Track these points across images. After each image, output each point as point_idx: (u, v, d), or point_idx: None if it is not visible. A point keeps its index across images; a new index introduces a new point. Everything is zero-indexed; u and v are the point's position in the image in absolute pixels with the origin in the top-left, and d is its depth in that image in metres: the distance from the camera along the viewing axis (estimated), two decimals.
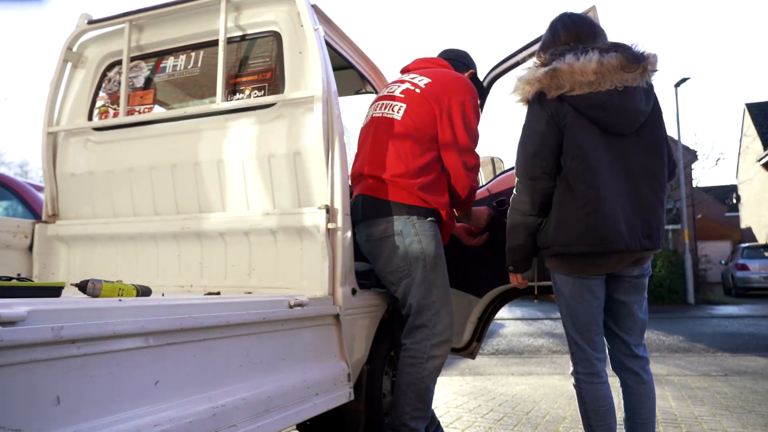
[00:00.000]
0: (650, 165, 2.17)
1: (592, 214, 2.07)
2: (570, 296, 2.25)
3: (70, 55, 3.08)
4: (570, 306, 2.27)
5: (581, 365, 2.28)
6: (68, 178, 3.04)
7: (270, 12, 2.70)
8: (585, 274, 2.19)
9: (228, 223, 2.61)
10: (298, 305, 2.00)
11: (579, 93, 2.09)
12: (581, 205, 2.09)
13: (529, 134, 2.20)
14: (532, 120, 2.19)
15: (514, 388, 4.89)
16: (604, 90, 2.09)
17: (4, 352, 1.07)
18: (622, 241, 2.07)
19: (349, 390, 2.33)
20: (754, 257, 18.91)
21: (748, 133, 26.14)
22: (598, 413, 2.22)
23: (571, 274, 2.21)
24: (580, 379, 2.27)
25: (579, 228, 2.10)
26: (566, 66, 2.08)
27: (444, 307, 2.54)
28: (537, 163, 2.17)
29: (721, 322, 10.55)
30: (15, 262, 2.93)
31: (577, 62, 2.08)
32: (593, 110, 2.10)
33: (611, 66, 2.08)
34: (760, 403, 4.08)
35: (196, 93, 2.92)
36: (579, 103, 2.10)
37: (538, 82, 2.13)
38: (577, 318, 2.26)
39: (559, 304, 2.32)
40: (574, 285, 2.22)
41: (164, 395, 1.44)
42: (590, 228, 2.08)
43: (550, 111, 2.13)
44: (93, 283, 1.74)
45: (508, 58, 3.29)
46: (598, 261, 2.15)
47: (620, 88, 2.09)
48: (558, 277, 2.27)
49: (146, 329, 1.38)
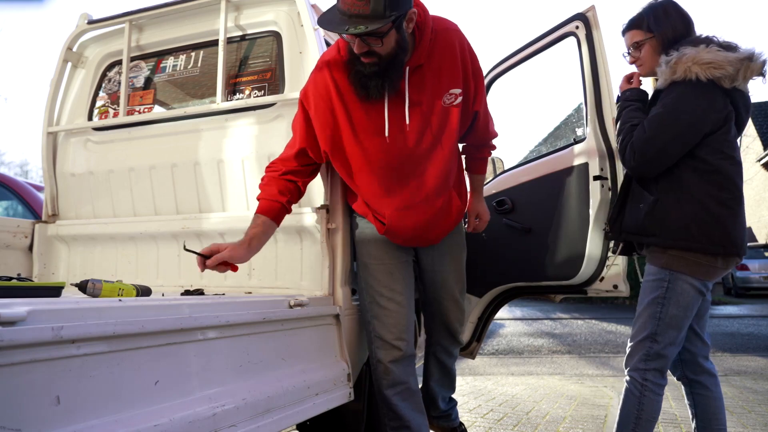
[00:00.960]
0: None
1: (735, 217, 2.01)
2: (685, 308, 2.08)
3: (70, 55, 3.08)
4: (679, 318, 2.08)
5: (653, 374, 2.12)
6: (68, 178, 3.04)
7: (270, 12, 2.70)
8: (710, 280, 2.08)
9: (228, 223, 2.61)
10: (298, 305, 2.00)
11: (742, 89, 2.01)
12: (727, 206, 2.01)
13: (683, 117, 2.00)
14: (691, 102, 2.00)
15: (514, 388, 4.89)
16: (747, 91, 2.03)
17: (3, 352, 1.07)
18: (744, 248, 2.05)
19: (349, 390, 2.33)
20: (754, 257, 18.89)
21: (748, 133, 26.13)
22: (650, 422, 2.11)
23: (699, 278, 2.06)
24: (647, 387, 2.11)
25: (720, 228, 2.00)
26: (750, 56, 1.98)
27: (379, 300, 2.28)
28: (676, 148, 2.01)
29: (721, 322, 10.55)
30: (15, 262, 2.93)
31: (754, 57, 1.99)
32: (745, 112, 2.05)
33: (757, 67, 2.01)
34: (760, 403, 4.09)
35: (196, 93, 2.92)
36: (740, 100, 2.02)
37: (730, 66, 1.95)
38: (679, 331, 2.10)
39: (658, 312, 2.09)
40: (694, 298, 2.08)
41: (164, 395, 1.44)
42: (729, 230, 2.01)
43: (715, 100, 2.00)
44: (93, 283, 1.73)
45: (508, 57, 3.29)
46: (720, 264, 2.06)
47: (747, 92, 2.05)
48: (682, 286, 2.06)
49: (146, 329, 1.38)
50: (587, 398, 4.40)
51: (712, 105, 1.99)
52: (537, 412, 3.96)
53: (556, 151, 3.02)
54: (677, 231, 2.04)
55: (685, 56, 2.00)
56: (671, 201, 2.06)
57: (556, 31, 2.94)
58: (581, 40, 2.83)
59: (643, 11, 2.22)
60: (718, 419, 2.18)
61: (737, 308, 14.05)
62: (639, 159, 2.06)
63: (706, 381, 2.23)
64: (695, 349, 2.25)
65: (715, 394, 2.21)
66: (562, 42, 2.96)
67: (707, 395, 2.21)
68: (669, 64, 2.03)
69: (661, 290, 2.09)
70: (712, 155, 2.02)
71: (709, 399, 2.21)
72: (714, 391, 2.21)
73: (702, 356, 2.25)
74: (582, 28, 2.81)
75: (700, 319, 2.22)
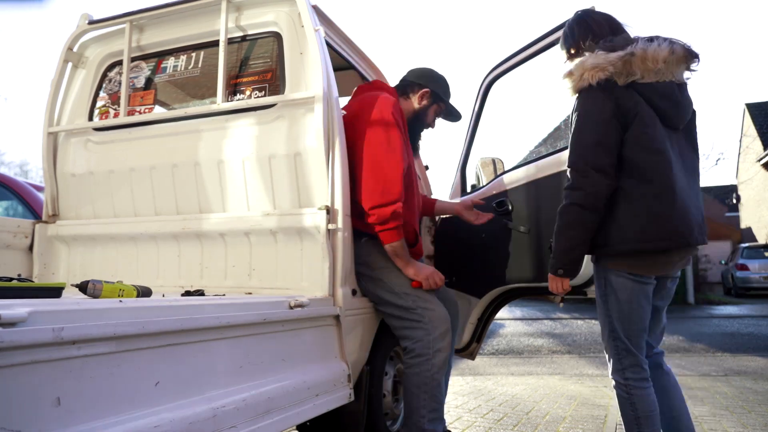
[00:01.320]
0: (695, 162, 2.17)
1: (668, 207, 2.00)
2: (627, 301, 2.11)
3: (71, 55, 3.08)
4: (625, 311, 2.12)
5: (631, 370, 2.14)
6: (69, 178, 3.04)
7: (271, 12, 2.70)
8: (648, 275, 2.10)
9: (228, 223, 2.61)
10: (298, 306, 2.00)
11: (647, 81, 2.03)
12: (656, 198, 2.01)
13: (592, 124, 2.07)
14: (595, 108, 2.06)
15: (514, 388, 4.89)
16: (668, 81, 2.05)
17: (4, 353, 1.07)
18: (693, 236, 2.03)
19: (349, 391, 2.33)
20: (754, 257, 18.90)
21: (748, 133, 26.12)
22: (650, 418, 2.11)
23: (636, 273, 2.08)
24: (631, 385, 2.13)
25: (654, 222, 2.01)
26: (640, 51, 2.01)
27: (425, 301, 2.52)
28: (602, 155, 2.03)
29: (721, 322, 10.55)
30: (15, 262, 2.93)
31: (649, 48, 2.02)
32: (662, 100, 2.05)
33: (678, 57, 2.03)
34: (760, 403, 4.09)
35: (197, 93, 2.92)
36: (648, 92, 2.04)
37: (611, 66, 2.01)
38: (631, 324, 2.13)
39: (608, 308, 2.17)
40: (634, 290, 2.10)
41: (164, 396, 1.44)
42: (666, 222, 2.00)
43: (616, 99, 2.04)
44: (93, 283, 1.73)
45: (507, 59, 3.29)
46: (664, 258, 2.08)
47: (677, 82, 2.07)
48: (615, 280, 2.12)
49: (147, 330, 1.38)
50: (587, 398, 4.40)
51: (606, 104, 2.03)
52: (537, 412, 3.96)
53: (556, 152, 3.02)
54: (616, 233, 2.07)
55: (575, 66, 2.09)
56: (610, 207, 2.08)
57: (557, 32, 2.94)
58: None
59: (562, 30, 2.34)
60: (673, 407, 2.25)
61: (737, 308, 14.05)
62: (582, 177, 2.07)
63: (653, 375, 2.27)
64: None
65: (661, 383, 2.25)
66: None
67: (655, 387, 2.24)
68: (564, 76, 2.13)
69: (602, 288, 2.16)
70: (629, 151, 2.05)
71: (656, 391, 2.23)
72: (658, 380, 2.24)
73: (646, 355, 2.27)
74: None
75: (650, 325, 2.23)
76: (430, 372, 2.45)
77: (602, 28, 2.21)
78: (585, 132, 2.08)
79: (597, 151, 2.04)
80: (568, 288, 2.22)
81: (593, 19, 2.25)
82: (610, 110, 2.03)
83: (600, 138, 2.04)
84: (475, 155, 3.63)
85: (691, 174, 2.13)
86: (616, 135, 2.04)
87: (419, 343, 2.48)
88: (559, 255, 2.15)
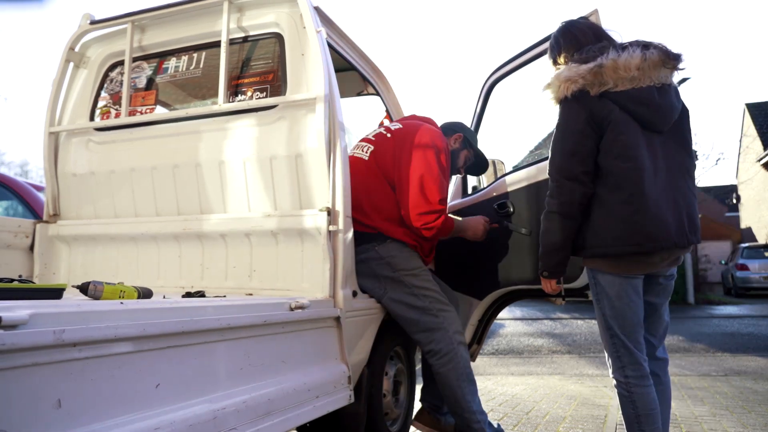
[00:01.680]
0: (684, 161, 2.20)
1: (639, 213, 2.06)
2: (616, 297, 2.18)
3: (73, 55, 3.08)
4: (616, 307, 2.19)
5: (631, 368, 2.20)
6: (70, 178, 3.04)
7: (272, 13, 2.70)
8: (630, 273, 2.16)
9: (229, 224, 2.62)
10: (298, 308, 2.00)
11: (621, 89, 2.08)
12: (627, 203, 2.07)
13: (567, 133, 2.16)
14: (570, 118, 2.15)
15: (514, 388, 4.89)
16: (645, 86, 2.09)
17: (5, 356, 1.07)
18: (670, 238, 2.08)
19: (349, 392, 2.33)
20: (754, 257, 18.90)
21: (748, 133, 26.11)
22: (650, 416, 2.16)
23: (617, 273, 2.16)
24: (630, 383, 2.18)
25: (626, 227, 2.08)
26: (610, 62, 2.07)
27: (441, 303, 2.69)
28: (576, 164, 2.12)
29: (721, 322, 10.55)
30: (16, 262, 2.93)
31: (620, 58, 2.08)
32: (637, 106, 2.10)
33: (653, 62, 2.09)
34: (760, 403, 4.09)
35: (198, 94, 2.92)
36: (622, 99, 2.09)
37: (581, 79, 2.10)
38: (625, 319, 2.19)
39: (601, 306, 2.25)
40: (621, 285, 2.17)
41: (165, 398, 1.44)
42: (638, 226, 2.07)
43: (590, 109, 2.11)
44: (94, 285, 1.73)
45: (509, 62, 3.29)
46: (644, 259, 2.13)
47: (658, 85, 2.11)
48: (602, 278, 2.20)
49: (147, 332, 1.39)
50: (587, 398, 4.40)
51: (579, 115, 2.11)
52: (537, 412, 3.97)
53: None
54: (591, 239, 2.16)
55: (552, 78, 2.18)
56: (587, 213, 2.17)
57: None
58: None
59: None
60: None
61: (737, 308, 14.06)
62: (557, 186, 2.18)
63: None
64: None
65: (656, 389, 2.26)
66: None
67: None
68: (544, 87, 2.22)
69: (593, 288, 2.26)
70: (603, 158, 2.12)
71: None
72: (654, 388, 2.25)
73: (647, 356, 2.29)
74: None
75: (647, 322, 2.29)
76: (461, 363, 2.65)
77: (587, 36, 2.27)
78: (561, 142, 2.18)
79: (571, 161, 2.14)
80: (556, 288, 2.36)
81: (577, 28, 2.32)
82: (584, 120, 2.11)
83: (574, 147, 2.14)
84: None
85: (679, 174, 2.17)
86: (591, 143, 2.12)
87: (441, 343, 2.65)
88: (542, 258, 2.29)
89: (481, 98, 3.50)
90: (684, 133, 2.23)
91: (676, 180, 2.15)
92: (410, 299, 2.66)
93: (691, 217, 2.16)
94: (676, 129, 2.20)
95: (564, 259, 2.26)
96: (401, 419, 2.98)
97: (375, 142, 2.85)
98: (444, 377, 2.66)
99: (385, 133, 2.86)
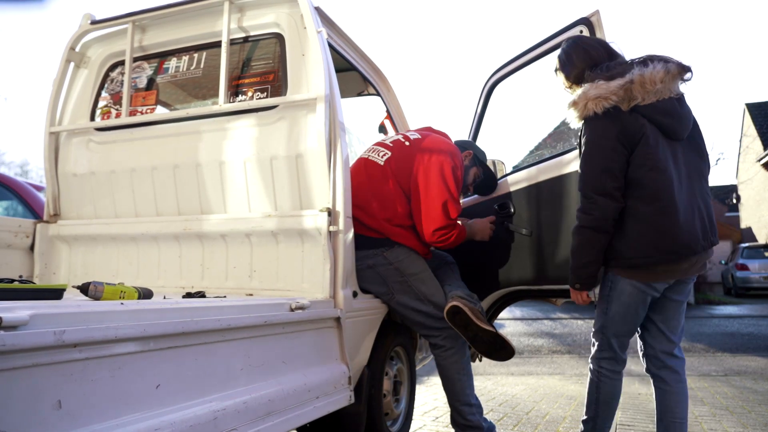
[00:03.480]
0: (701, 167, 2.30)
1: (673, 222, 2.14)
2: (626, 306, 2.29)
3: (73, 55, 3.08)
4: (621, 314, 2.31)
5: (608, 362, 2.38)
6: (70, 178, 3.04)
7: (273, 14, 2.70)
8: (659, 281, 2.25)
9: (229, 224, 2.61)
10: (299, 308, 2.00)
11: (648, 102, 2.16)
12: (661, 214, 2.15)
13: (598, 150, 2.21)
14: (601, 135, 2.20)
15: (514, 388, 4.90)
16: (667, 98, 2.17)
17: (6, 356, 1.07)
18: (699, 243, 2.18)
19: (349, 393, 2.33)
20: (754, 257, 18.88)
21: (748, 133, 26.10)
22: (608, 404, 2.39)
23: (645, 281, 2.24)
24: (602, 373, 2.38)
25: (662, 237, 2.16)
26: (638, 77, 2.15)
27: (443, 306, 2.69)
28: (608, 179, 2.18)
29: (721, 322, 10.55)
30: (16, 262, 2.93)
31: (645, 72, 2.15)
32: (664, 117, 2.18)
33: (673, 75, 2.17)
34: (760, 403, 4.09)
35: (199, 94, 2.92)
36: (651, 112, 2.17)
37: (614, 96, 2.16)
38: (623, 326, 2.34)
39: (606, 307, 2.35)
40: (636, 297, 2.27)
41: (165, 399, 1.44)
42: (672, 235, 2.15)
43: (622, 124, 2.17)
44: (95, 285, 1.73)
45: (510, 62, 3.29)
46: (674, 267, 2.22)
47: (676, 96, 2.20)
48: (622, 287, 2.28)
49: (148, 333, 1.39)
50: None
51: (610, 131, 2.17)
52: (537, 412, 3.97)
53: (558, 155, 3.01)
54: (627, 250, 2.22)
55: (578, 96, 2.23)
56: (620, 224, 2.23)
57: (560, 35, 2.94)
58: None
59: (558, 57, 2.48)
60: (674, 412, 2.35)
61: (737, 308, 14.05)
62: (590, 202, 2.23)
63: (667, 376, 2.39)
64: (658, 345, 2.41)
65: (675, 388, 2.36)
66: None
67: (666, 389, 2.38)
68: (569, 106, 2.27)
69: (606, 290, 2.34)
70: (636, 171, 2.18)
71: (667, 393, 2.37)
72: (673, 386, 2.37)
73: (664, 352, 2.39)
74: (586, 33, 2.81)
75: (669, 319, 2.38)
76: (463, 358, 2.76)
77: (599, 52, 2.36)
78: (592, 159, 2.23)
79: (603, 177, 2.19)
80: (587, 300, 2.40)
81: (589, 44, 2.40)
82: (615, 136, 2.17)
83: (606, 164, 2.19)
84: None
85: (697, 178, 2.26)
86: (621, 159, 2.18)
87: (448, 338, 2.74)
88: (575, 271, 2.33)
89: (482, 99, 3.50)
90: (696, 138, 2.32)
91: (695, 185, 2.25)
92: (417, 304, 2.71)
93: (710, 218, 2.26)
94: (691, 135, 2.29)
95: (596, 272, 2.31)
96: (401, 419, 2.98)
97: (393, 149, 2.87)
98: (445, 369, 2.76)
99: (404, 141, 2.89)
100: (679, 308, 2.39)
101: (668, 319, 2.38)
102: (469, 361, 2.82)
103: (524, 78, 2.68)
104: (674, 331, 2.40)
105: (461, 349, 2.77)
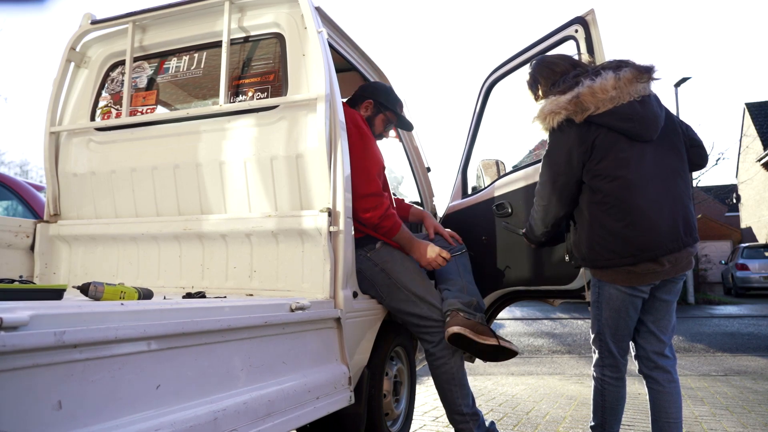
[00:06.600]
0: (677, 165, 2.32)
1: (629, 227, 2.21)
2: (615, 310, 2.34)
3: (73, 55, 3.08)
4: (613, 319, 2.36)
5: (609, 369, 2.41)
6: (70, 178, 3.04)
7: (273, 14, 2.70)
8: (643, 284, 2.28)
9: (229, 224, 2.61)
10: (299, 309, 2.00)
11: (604, 110, 2.21)
12: (618, 220, 2.22)
13: (548, 163, 2.36)
14: (553, 149, 2.34)
15: (514, 388, 4.90)
16: (626, 102, 2.21)
17: (6, 357, 1.07)
18: (663, 245, 2.20)
19: (349, 393, 2.33)
20: (754, 257, 18.91)
21: (748, 133, 26.11)
22: (614, 410, 2.42)
23: (628, 285, 2.28)
24: (606, 381, 2.42)
25: (619, 241, 2.23)
26: (586, 89, 2.21)
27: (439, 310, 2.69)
28: (551, 190, 2.34)
29: (721, 322, 10.55)
30: (16, 262, 2.93)
31: (595, 83, 2.22)
32: (623, 122, 2.22)
33: (627, 79, 2.22)
34: (760, 403, 4.09)
35: (199, 94, 2.92)
36: (608, 119, 2.22)
37: (564, 110, 2.24)
38: (618, 329, 2.37)
39: (598, 313, 2.39)
40: (624, 301, 2.32)
41: (166, 399, 1.44)
42: (630, 239, 2.20)
43: (576, 136, 2.25)
44: (95, 285, 1.73)
45: (508, 61, 3.29)
46: (654, 268, 2.24)
47: (638, 98, 2.23)
48: (609, 291, 2.34)
49: (148, 333, 1.39)
50: (587, 398, 4.40)
51: (563, 145, 2.29)
52: (537, 412, 3.97)
53: None
54: (589, 252, 2.32)
55: (537, 112, 2.35)
56: (580, 229, 2.37)
57: (556, 35, 2.94)
58: (580, 44, 2.83)
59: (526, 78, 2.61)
60: (667, 413, 2.38)
61: (737, 308, 14.06)
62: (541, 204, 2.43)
63: (659, 376, 2.41)
64: (648, 346, 2.44)
65: (667, 389, 2.39)
66: (562, 45, 2.96)
67: (658, 390, 2.41)
68: (533, 120, 2.38)
69: (595, 296, 2.40)
70: (594, 179, 2.27)
71: (660, 393, 2.40)
72: (666, 386, 2.39)
73: (655, 352, 2.42)
74: (581, 32, 2.81)
75: (659, 319, 2.41)
76: (454, 368, 2.71)
77: (561, 66, 2.46)
78: (543, 170, 2.39)
79: (549, 188, 2.36)
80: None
81: (550, 61, 2.51)
82: (567, 150, 2.28)
83: (554, 177, 2.34)
84: (477, 157, 3.62)
85: (672, 177, 2.29)
86: (573, 170, 2.30)
87: (439, 345, 2.68)
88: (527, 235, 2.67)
89: (480, 99, 3.50)
90: (671, 135, 2.34)
91: (670, 184, 2.27)
92: (408, 306, 2.69)
93: (686, 219, 2.27)
94: (664, 135, 2.32)
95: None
96: (401, 419, 2.98)
97: None
98: (438, 378, 2.74)
99: None
100: (668, 308, 2.41)
101: (658, 320, 2.41)
102: (463, 370, 2.77)
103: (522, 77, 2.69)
104: (664, 331, 2.42)
105: (453, 360, 2.72)
